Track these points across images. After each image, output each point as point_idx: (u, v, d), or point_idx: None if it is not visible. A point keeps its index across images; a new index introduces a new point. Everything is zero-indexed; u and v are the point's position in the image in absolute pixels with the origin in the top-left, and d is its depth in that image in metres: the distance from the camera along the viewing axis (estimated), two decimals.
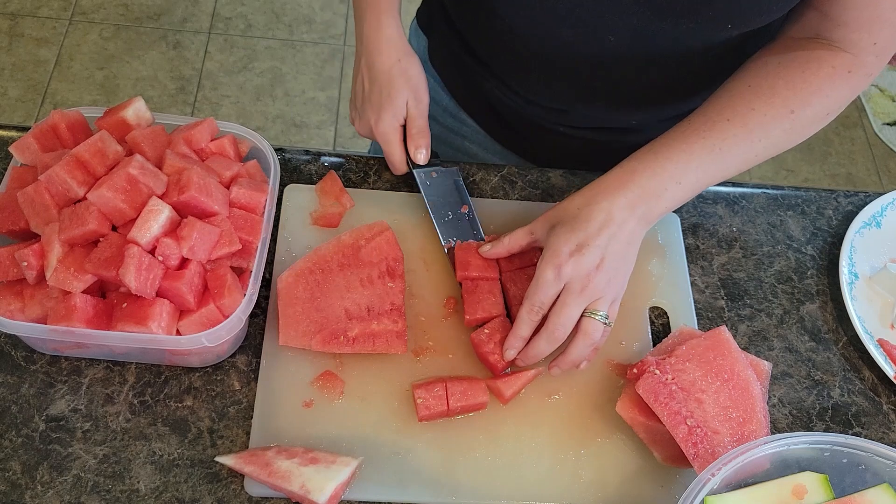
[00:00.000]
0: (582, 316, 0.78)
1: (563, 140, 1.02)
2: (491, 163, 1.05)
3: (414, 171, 0.90)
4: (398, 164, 0.90)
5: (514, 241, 0.84)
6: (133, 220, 0.72)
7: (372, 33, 0.88)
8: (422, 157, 0.89)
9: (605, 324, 0.78)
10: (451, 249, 0.88)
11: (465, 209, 0.90)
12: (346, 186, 0.93)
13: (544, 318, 0.78)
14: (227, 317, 0.73)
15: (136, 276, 0.68)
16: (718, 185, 1.02)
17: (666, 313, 0.90)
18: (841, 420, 0.86)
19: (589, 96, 0.93)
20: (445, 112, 1.10)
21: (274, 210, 0.81)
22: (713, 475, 0.68)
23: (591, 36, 0.82)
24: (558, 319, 0.77)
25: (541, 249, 0.83)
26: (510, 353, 0.79)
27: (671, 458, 0.79)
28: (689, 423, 0.75)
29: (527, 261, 0.86)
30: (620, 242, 0.78)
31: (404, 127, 0.89)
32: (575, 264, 0.76)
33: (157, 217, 0.71)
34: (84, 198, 0.72)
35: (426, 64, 1.07)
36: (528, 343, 0.79)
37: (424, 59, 1.08)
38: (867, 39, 0.78)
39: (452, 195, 0.91)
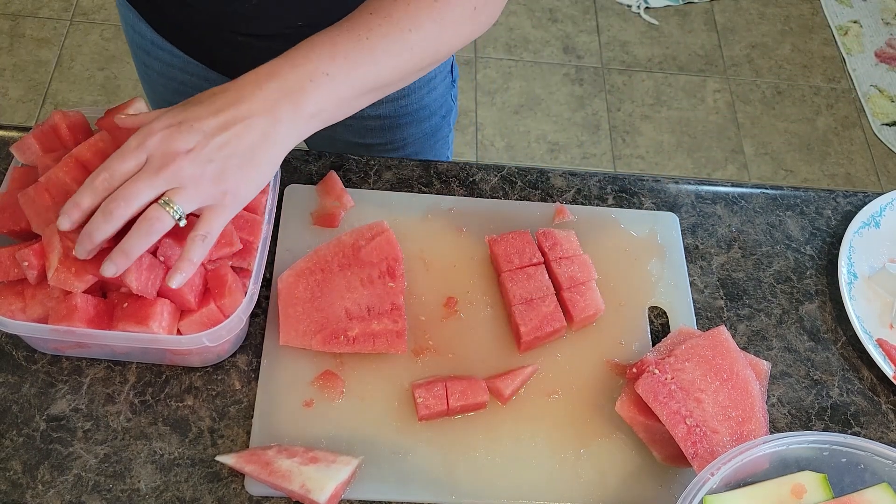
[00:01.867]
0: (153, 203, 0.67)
1: (242, 49, 0.92)
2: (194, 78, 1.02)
3: None
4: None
5: (134, 121, 0.72)
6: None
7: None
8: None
9: (176, 219, 0.66)
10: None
11: None
12: (346, 186, 0.93)
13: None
14: (228, 316, 0.73)
15: (137, 276, 0.69)
16: (717, 185, 1.02)
17: (665, 313, 0.90)
18: (840, 420, 0.87)
19: None
20: (156, 47, 1.02)
21: (274, 210, 0.81)
22: (712, 474, 0.68)
23: None
24: (119, 192, 0.65)
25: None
26: (63, 222, 0.66)
27: (670, 457, 0.79)
28: (688, 423, 0.75)
29: (526, 260, 0.86)
30: (246, 139, 0.67)
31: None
32: (163, 139, 0.66)
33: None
34: None
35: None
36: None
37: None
38: None
39: None
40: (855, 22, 2.81)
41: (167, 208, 0.66)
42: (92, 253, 0.67)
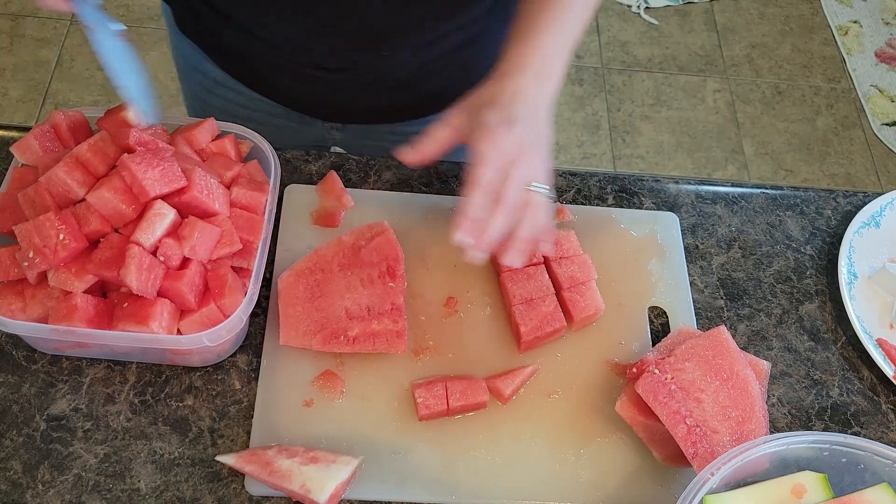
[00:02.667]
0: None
1: (318, 83, 0.98)
2: (279, 126, 1.06)
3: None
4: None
5: (437, 139, 0.82)
6: (133, 221, 0.72)
7: None
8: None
9: (549, 197, 0.79)
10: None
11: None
12: (346, 186, 0.93)
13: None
14: (228, 316, 0.73)
15: (137, 276, 0.69)
16: (717, 185, 1.02)
17: (665, 313, 0.90)
18: (840, 419, 0.87)
19: (331, 31, 0.90)
20: (219, 84, 1.06)
21: (274, 210, 0.81)
22: (712, 474, 0.68)
23: None
24: (509, 188, 0.76)
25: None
26: (460, 235, 0.76)
27: (670, 457, 0.79)
28: (688, 423, 0.75)
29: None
30: (538, 120, 0.80)
31: None
32: (507, 136, 0.77)
33: (163, 221, 0.71)
34: (84, 198, 0.73)
35: (180, 36, 1.03)
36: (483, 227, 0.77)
37: (176, 32, 1.04)
38: None
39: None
40: (855, 22, 2.81)
41: (539, 189, 0.78)
42: (484, 243, 0.77)
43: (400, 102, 1.04)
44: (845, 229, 0.97)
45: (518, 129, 0.78)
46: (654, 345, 0.87)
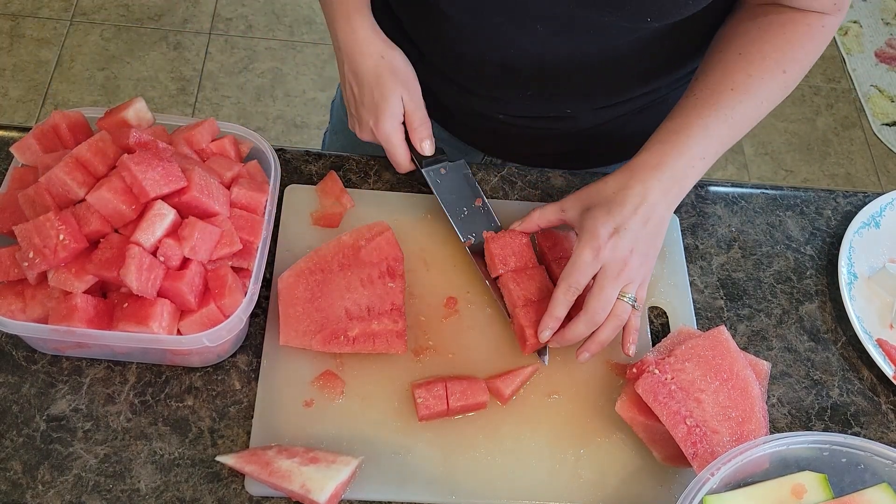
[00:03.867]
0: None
1: (503, 128, 1.01)
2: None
3: (423, 170, 0.89)
4: (403, 163, 0.89)
5: (544, 216, 0.85)
6: (133, 221, 0.72)
7: (348, 37, 0.87)
8: (427, 147, 0.88)
9: (633, 306, 0.80)
10: (472, 246, 0.88)
11: (478, 202, 0.90)
12: (346, 186, 0.93)
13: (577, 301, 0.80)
14: (228, 317, 0.73)
15: (137, 276, 0.69)
16: (717, 185, 1.02)
17: (665, 313, 0.90)
18: (840, 420, 0.87)
19: (521, 85, 0.92)
20: None
21: (274, 210, 0.81)
22: (712, 475, 0.68)
23: (520, 23, 0.83)
24: (598, 303, 0.77)
25: (544, 245, 0.83)
26: (546, 334, 0.80)
27: (670, 457, 0.79)
28: (688, 423, 0.75)
29: (526, 260, 0.86)
30: (653, 226, 0.80)
31: (404, 124, 0.89)
32: (613, 247, 0.77)
33: (163, 221, 0.71)
34: (84, 199, 0.73)
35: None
36: (563, 326, 0.80)
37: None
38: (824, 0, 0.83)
39: (464, 190, 0.90)
40: (855, 22, 2.81)
41: (625, 299, 0.79)
42: (563, 342, 0.80)
43: (567, 152, 1.05)
44: (845, 229, 0.97)
45: (626, 241, 0.78)
46: (654, 345, 0.87)
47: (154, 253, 0.71)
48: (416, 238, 0.91)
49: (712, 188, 1.02)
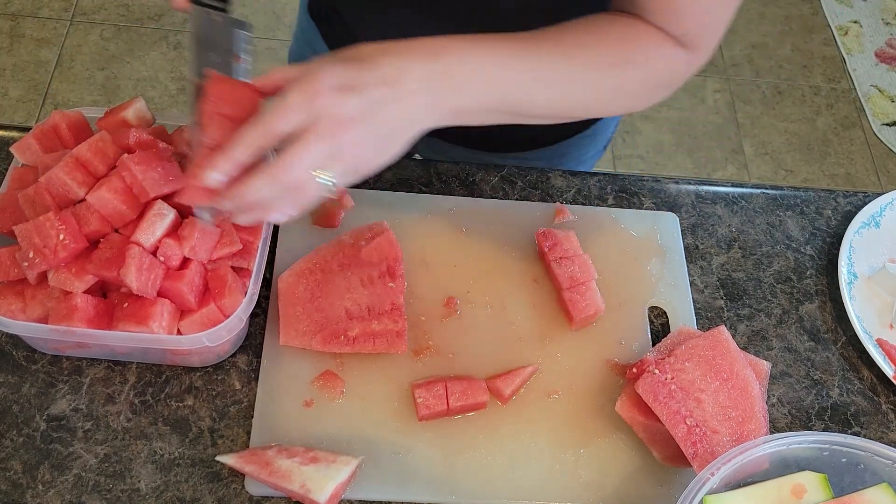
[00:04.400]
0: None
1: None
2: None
3: (194, 2, 0.73)
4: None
5: (287, 71, 0.67)
6: (133, 221, 0.72)
7: None
8: None
9: (331, 189, 0.64)
10: (200, 86, 0.69)
11: (238, 60, 0.73)
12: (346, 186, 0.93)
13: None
14: (228, 317, 0.73)
15: (137, 276, 0.69)
16: (717, 185, 1.02)
17: (665, 313, 0.90)
18: (840, 419, 0.87)
19: None
20: None
21: None
22: (712, 474, 0.68)
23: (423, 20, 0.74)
24: (292, 160, 0.61)
25: None
26: (213, 176, 0.62)
27: (670, 457, 0.79)
28: (688, 423, 0.75)
29: (244, 113, 0.68)
30: (398, 113, 0.63)
31: None
32: (335, 103, 0.60)
33: (163, 221, 0.71)
34: (84, 199, 0.73)
35: (309, 23, 1.04)
36: (241, 180, 0.63)
37: (323, 49, 1.04)
38: (674, 27, 0.73)
39: (227, 43, 0.73)
40: (855, 22, 2.81)
41: (323, 178, 0.63)
42: (228, 198, 0.64)
43: (501, 136, 1.01)
44: (845, 229, 0.97)
45: (356, 103, 0.61)
46: (654, 345, 0.87)
47: (154, 253, 0.71)
48: (416, 238, 0.91)
49: (712, 188, 1.02)
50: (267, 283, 0.86)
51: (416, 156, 1.14)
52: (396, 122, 0.64)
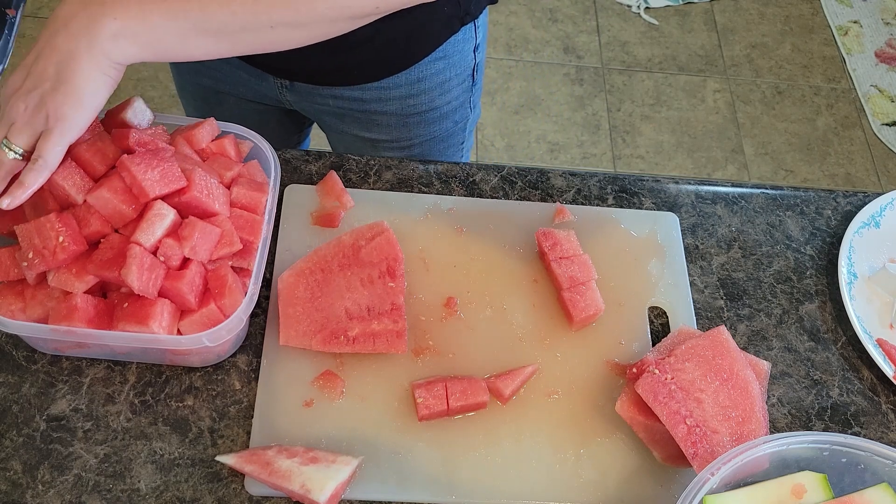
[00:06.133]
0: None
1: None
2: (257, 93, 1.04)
3: None
4: None
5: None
6: (133, 221, 0.72)
7: None
8: None
9: (18, 156, 0.69)
10: None
11: (11, 13, 0.79)
12: (346, 186, 0.93)
13: None
14: (228, 317, 0.73)
15: (138, 276, 0.69)
16: (717, 185, 1.02)
17: (665, 313, 0.90)
18: (840, 420, 0.87)
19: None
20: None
21: (274, 210, 0.81)
22: (712, 475, 0.68)
23: None
24: None
25: None
26: None
27: (670, 457, 0.79)
28: (688, 423, 0.75)
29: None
30: (51, 59, 0.69)
31: None
32: (3, 86, 0.68)
33: (163, 221, 0.71)
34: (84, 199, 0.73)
35: None
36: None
37: None
38: None
39: None
40: (855, 22, 2.81)
41: (5, 149, 0.68)
42: None
43: (337, 66, 0.99)
44: (845, 229, 0.97)
45: (19, 74, 0.69)
46: (654, 345, 0.87)
47: (154, 253, 0.71)
48: (416, 238, 0.91)
49: (712, 188, 1.02)
50: (267, 283, 0.86)
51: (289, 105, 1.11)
52: (54, 66, 0.68)
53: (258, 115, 1.15)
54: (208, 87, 1.12)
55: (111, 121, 0.81)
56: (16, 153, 0.68)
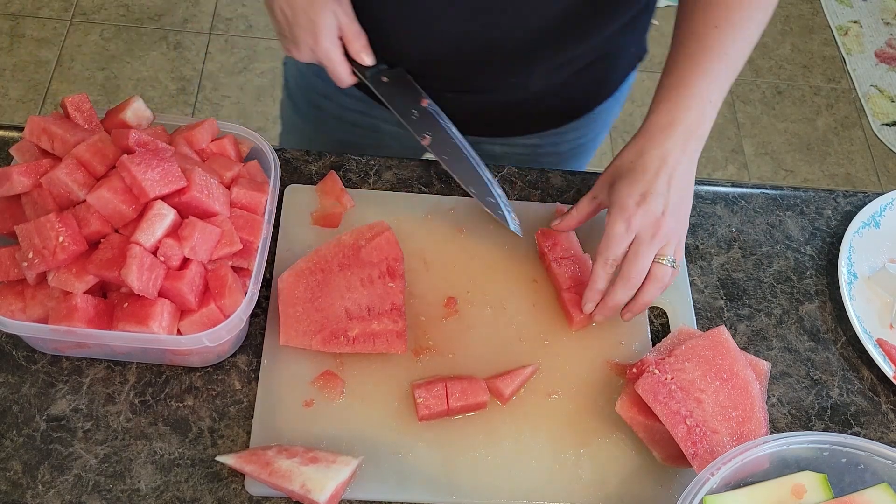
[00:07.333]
0: (652, 262, 0.80)
1: (449, 104, 0.94)
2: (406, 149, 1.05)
3: (368, 79, 0.89)
4: (345, 78, 0.88)
5: (581, 211, 0.87)
6: (133, 221, 0.72)
7: None
8: (367, 58, 0.87)
9: (673, 267, 0.81)
10: (431, 144, 0.89)
11: (425, 102, 0.90)
12: (346, 186, 0.93)
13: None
14: (228, 317, 0.73)
15: (138, 276, 0.69)
16: (717, 185, 1.02)
17: (665, 313, 0.90)
18: (840, 420, 0.87)
19: (468, 57, 0.90)
20: (338, 91, 1.02)
21: (274, 210, 0.81)
22: (712, 475, 0.68)
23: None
24: (633, 268, 0.79)
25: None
26: (589, 307, 0.83)
27: (670, 457, 0.79)
28: (688, 423, 0.75)
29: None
30: (678, 184, 0.80)
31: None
32: (643, 214, 0.78)
33: (163, 221, 0.71)
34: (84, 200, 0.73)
35: None
36: (604, 296, 0.82)
37: None
38: None
39: (409, 93, 0.91)
40: (855, 22, 2.81)
41: (663, 262, 0.80)
42: (607, 311, 0.83)
43: (518, 118, 1.04)
44: (845, 229, 0.97)
45: (654, 204, 0.79)
46: (654, 345, 0.87)
47: (154, 253, 0.71)
48: (416, 238, 0.91)
49: (712, 188, 1.02)
50: (267, 283, 0.86)
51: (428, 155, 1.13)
52: (682, 190, 0.81)
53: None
54: (349, 143, 1.12)
55: (111, 121, 0.81)
56: (672, 265, 0.81)
